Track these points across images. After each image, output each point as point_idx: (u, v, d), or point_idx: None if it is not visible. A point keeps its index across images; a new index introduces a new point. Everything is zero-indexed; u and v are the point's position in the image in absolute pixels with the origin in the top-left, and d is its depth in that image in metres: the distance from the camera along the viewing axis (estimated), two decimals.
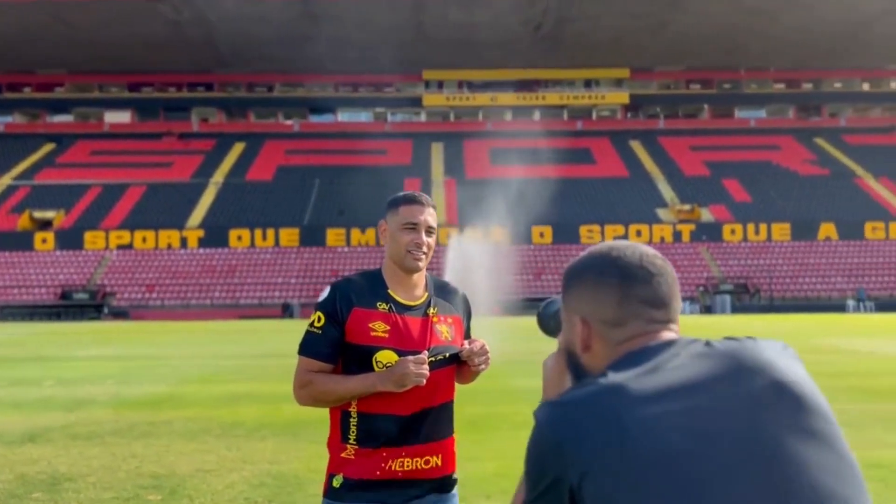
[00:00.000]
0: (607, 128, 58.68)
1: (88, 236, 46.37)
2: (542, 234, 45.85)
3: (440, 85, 60.73)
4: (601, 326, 1.11)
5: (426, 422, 2.16)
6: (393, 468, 2.12)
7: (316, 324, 2.18)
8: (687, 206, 48.85)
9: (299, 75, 60.51)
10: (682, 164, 54.68)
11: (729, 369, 1.03)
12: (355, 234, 46.83)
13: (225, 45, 54.38)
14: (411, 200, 2.26)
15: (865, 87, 61.87)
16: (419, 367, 2.05)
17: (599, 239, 46.40)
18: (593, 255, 1.16)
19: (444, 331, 2.22)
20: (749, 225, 47.30)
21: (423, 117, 62.28)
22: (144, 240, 46.19)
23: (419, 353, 2.11)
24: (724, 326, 25.52)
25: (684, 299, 41.58)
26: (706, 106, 62.25)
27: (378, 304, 2.18)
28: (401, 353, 2.11)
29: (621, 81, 60.36)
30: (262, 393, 10.11)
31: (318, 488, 5.57)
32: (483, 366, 2.21)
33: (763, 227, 47.19)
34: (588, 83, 60.85)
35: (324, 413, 2.29)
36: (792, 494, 0.95)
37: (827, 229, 47.18)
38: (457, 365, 2.25)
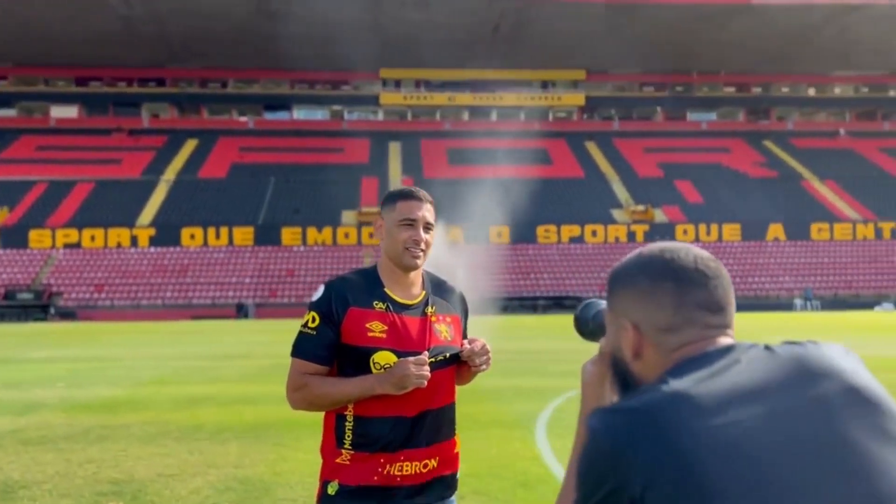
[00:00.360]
0: (563, 129, 59.23)
1: (34, 234, 44.95)
2: (499, 234, 46.00)
3: (398, 84, 60.52)
4: (654, 333, 1.05)
5: (427, 425, 2.08)
6: (391, 473, 2.03)
7: (310, 324, 2.08)
8: (641, 207, 49.60)
9: (254, 71, 59.67)
10: (636, 166, 55.50)
11: (796, 373, 0.98)
12: (311, 233, 46.35)
13: (177, 39, 53.30)
14: (409, 196, 2.17)
15: (811, 92, 63.68)
16: (420, 369, 1.98)
17: (556, 239, 46.87)
18: (644, 257, 1.10)
19: (444, 330, 2.14)
20: (701, 225, 48.24)
21: (380, 116, 62.00)
22: (93, 238, 44.97)
23: (419, 353, 2.03)
24: None
25: None
26: (659, 108, 63.31)
27: (375, 303, 2.09)
28: (399, 354, 2.03)
29: (577, 83, 61.00)
30: (222, 395, 9.89)
31: (286, 492, 5.46)
32: (484, 366, 2.14)
33: (714, 227, 48.18)
34: (545, 84, 61.34)
35: (286, 415, 2.20)
36: (883, 500, 0.91)
37: (775, 230, 48.40)
38: (456, 365, 2.18)
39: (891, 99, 63.42)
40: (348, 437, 2.06)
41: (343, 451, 2.06)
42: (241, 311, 39.29)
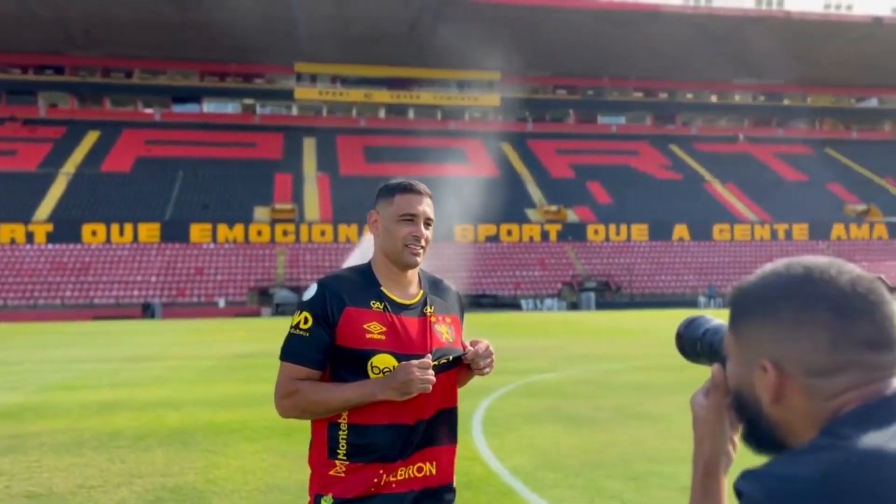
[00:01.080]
0: (479, 129, 59.73)
1: None
2: None
3: (313, 78, 59.48)
4: (803, 375, 0.84)
5: (428, 432, 1.96)
6: (389, 482, 1.91)
7: (302, 325, 1.93)
8: (554, 207, 50.57)
9: (161, 62, 57.41)
10: (549, 167, 56.56)
11: None
12: (222, 229, 44.99)
13: (78, 25, 50.63)
14: (408, 189, 2.05)
15: (713, 98, 66.56)
16: (424, 373, 1.86)
17: (473, 238, 47.17)
18: (784, 277, 0.88)
19: (444, 331, 2.03)
20: (611, 225, 49.63)
21: (294, 111, 60.83)
22: None
23: (420, 356, 1.91)
24: (590, 323, 26.56)
25: (551, 297, 43.10)
26: (571, 111, 64.74)
27: (372, 302, 1.96)
28: (400, 357, 1.90)
29: (493, 84, 61.58)
30: (139, 399, 9.39)
31: (222, 501, 5.20)
32: (488, 369, 2.03)
33: (623, 227, 49.66)
34: (461, 84, 61.68)
35: (212, 419, 2.04)
36: None
37: (680, 230, 50.33)
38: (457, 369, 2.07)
39: (785, 107, 67.05)
40: (342, 447, 1.91)
41: (337, 462, 1.91)
42: (147, 311, 37.73)
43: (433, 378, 1.88)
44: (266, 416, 7.86)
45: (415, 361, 1.86)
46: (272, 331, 24.95)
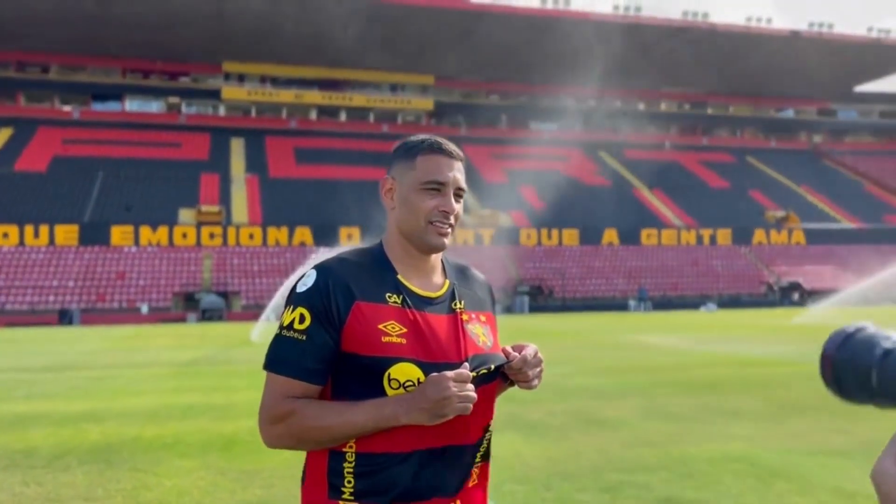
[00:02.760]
0: (412, 132, 58.99)
1: None
2: (349, 236, 45.17)
3: (241, 78, 57.94)
4: None
5: (459, 461, 1.51)
6: None
7: (297, 325, 1.47)
8: (487, 211, 50.62)
9: (80, 57, 54.88)
10: (482, 171, 56.63)
11: None
12: (145, 232, 43.19)
13: None
14: (436, 148, 1.57)
15: (641, 106, 68.06)
16: (463, 388, 1.40)
17: None
18: None
19: (480, 333, 1.58)
20: (543, 230, 50.01)
21: (221, 111, 59.09)
22: None
23: (452, 366, 1.46)
24: (527, 326, 26.49)
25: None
26: (504, 116, 65.10)
27: (388, 295, 1.51)
28: (426, 367, 1.46)
29: (426, 88, 61.37)
30: (58, 413, 8.59)
31: None
32: (537, 381, 1.57)
33: (555, 232, 50.13)
34: (394, 87, 61.19)
35: (138, 434, 1.57)
36: None
37: (610, 235, 51.12)
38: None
39: (709, 116, 69.16)
40: (349, 483, 1.44)
41: (341, 502, 1.45)
42: (64, 318, 35.81)
43: (474, 395, 1.43)
44: (201, 430, 7.25)
45: (449, 373, 1.41)
46: (200, 337, 23.93)
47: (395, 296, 1.51)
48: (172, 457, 6.14)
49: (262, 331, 23.28)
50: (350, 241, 45.06)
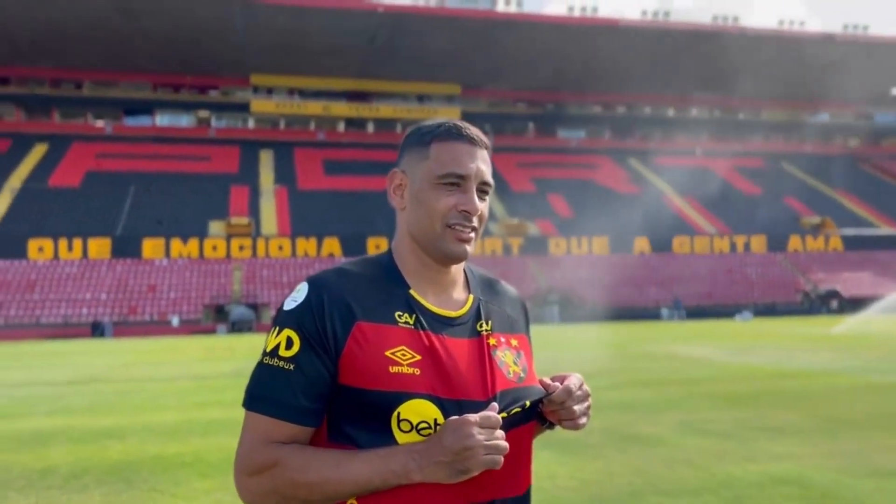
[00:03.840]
0: None
1: None
2: (377, 247, 45.08)
3: (269, 91, 58.40)
4: None
5: None
6: None
7: (282, 352, 1.19)
8: (515, 221, 50.25)
9: (112, 73, 55.76)
10: (510, 181, 56.30)
11: None
12: (176, 244, 43.55)
13: (24, 35, 48.87)
14: (453, 134, 1.28)
15: (671, 112, 67.25)
16: (491, 435, 1.11)
17: None
18: None
19: (510, 361, 1.29)
20: (572, 239, 49.47)
21: (250, 124, 59.59)
22: None
23: (478, 404, 1.17)
24: (558, 336, 26.05)
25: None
26: (531, 125, 64.75)
27: (397, 314, 1.23)
28: (445, 406, 1.17)
29: (453, 97, 61.33)
30: (79, 429, 8.46)
31: None
32: (584, 419, 1.27)
33: (585, 240, 49.55)
34: (421, 98, 61.25)
35: (159, 451, 1.31)
36: None
37: (641, 244, 50.41)
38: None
39: (741, 121, 68.09)
40: None
41: None
42: (96, 331, 36.15)
43: (506, 444, 1.12)
44: (221, 447, 7.05)
45: (473, 416, 1.11)
46: (228, 349, 23.91)
47: (406, 315, 1.23)
48: (192, 476, 5.94)
49: None
50: (378, 252, 44.97)
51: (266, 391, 1.19)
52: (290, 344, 1.19)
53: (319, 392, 1.19)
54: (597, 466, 5.96)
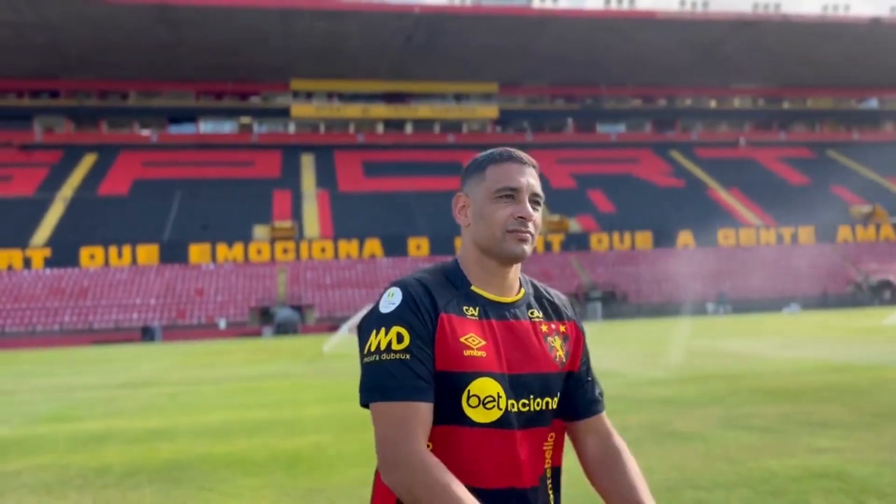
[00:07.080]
0: (478, 141, 59.30)
1: None
2: (418, 247, 45.39)
3: (309, 95, 59.16)
4: None
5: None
6: None
7: (395, 346, 1.38)
8: (556, 217, 50.00)
9: (157, 82, 57.12)
10: (549, 177, 56.04)
11: None
12: (221, 249, 44.46)
13: (72, 48, 50.37)
14: (506, 158, 1.52)
15: (713, 104, 66.16)
16: None
17: None
18: None
19: (557, 346, 1.53)
20: (614, 234, 49.06)
21: (291, 128, 60.44)
22: None
23: (528, 378, 1.44)
24: (601, 333, 25.91)
25: None
26: (570, 120, 64.35)
27: (465, 308, 1.46)
28: (505, 381, 1.42)
29: (490, 96, 61.28)
30: (132, 430, 8.78)
31: None
32: None
33: (627, 235, 49.09)
34: (458, 97, 61.35)
35: (207, 451, 1.50)
36: None
37: (685, 237, 49.74)
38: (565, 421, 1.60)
39: (785, 111, 66.66)
40: None
41: None
42: (146, 335, 37.12)
43: None
44: (268, 446, 7.27)
45: None
46: (273, 351, 24.37)
47: (471, 308, 1.46)
48: (238, 475, 6.15)
49: (335, 343, 23.52)
50: (419, 252, 45.31)
51: (391, 382, 1.36)
52: (400, 339, 1.37)
53: (431, 372, 1.38)
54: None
